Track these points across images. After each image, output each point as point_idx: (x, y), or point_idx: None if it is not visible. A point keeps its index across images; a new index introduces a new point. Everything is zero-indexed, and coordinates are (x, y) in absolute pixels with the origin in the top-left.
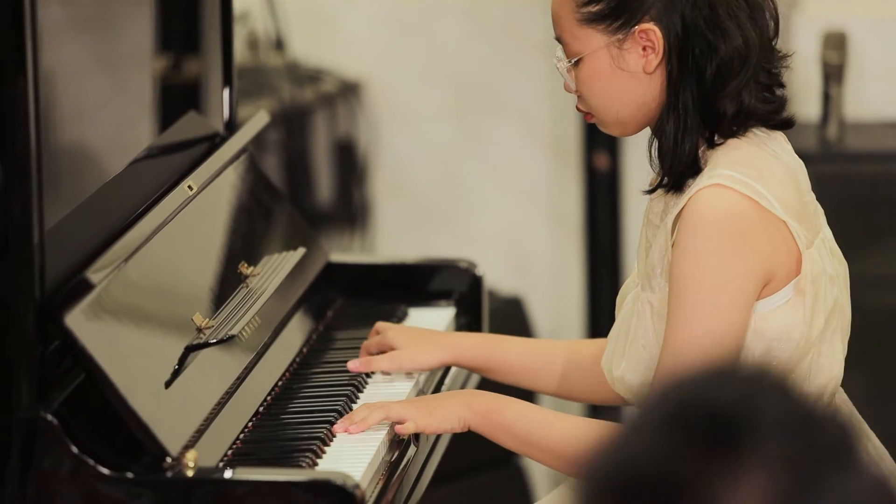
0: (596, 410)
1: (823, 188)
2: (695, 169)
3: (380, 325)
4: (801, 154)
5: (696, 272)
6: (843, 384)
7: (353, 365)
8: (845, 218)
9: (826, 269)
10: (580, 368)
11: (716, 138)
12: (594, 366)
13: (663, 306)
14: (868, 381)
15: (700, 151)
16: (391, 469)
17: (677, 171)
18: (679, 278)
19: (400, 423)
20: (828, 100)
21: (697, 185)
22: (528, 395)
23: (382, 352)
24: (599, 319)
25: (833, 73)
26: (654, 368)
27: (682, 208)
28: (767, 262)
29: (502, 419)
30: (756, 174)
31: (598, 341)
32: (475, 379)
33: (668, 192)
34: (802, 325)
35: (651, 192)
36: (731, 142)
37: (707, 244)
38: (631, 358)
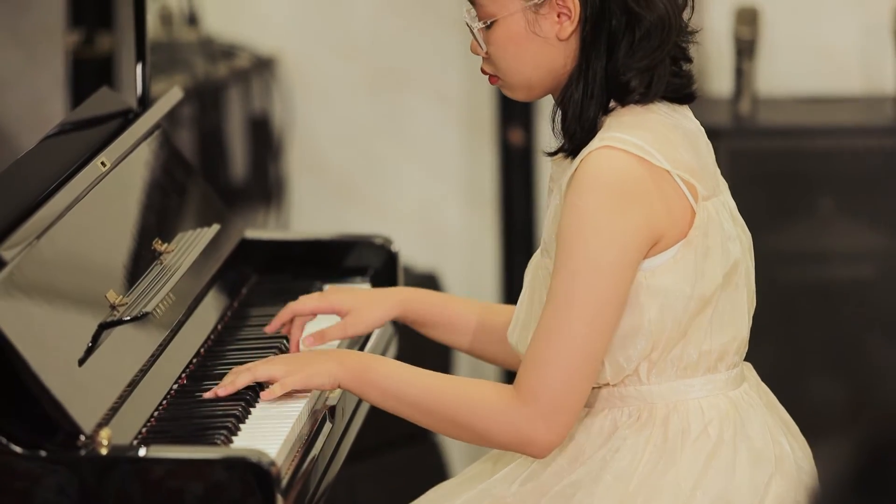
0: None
1: (735, 163)
2: (592, 134)
3: (329, 288)
4: (714, 129)
5: (581, 229)
6: (752, 357)
7: (309, 341)
8: (757, 193)
9: (724, 225)
10: (491, 332)
11: (611, 104)
12: (504, 332)
13: None
14: (777, 355)
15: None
16: (307, 445)
17: (578, 137)
18: (564, 236)
19: (270, 382)
20: (740, 75)
21: (589, 148)
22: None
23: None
24: (515, 295)
25: (745, 49)
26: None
27: (574, 172)
28: (658, 219)
29: (374, 377)
30: (649, 136)
31: (511, 308)
32: (394, 347)
33: (567, 157)
34: (693, 278)
35: (552, 154)
36: (629, 107)
37: (592, 202)
38: (534, 326)
